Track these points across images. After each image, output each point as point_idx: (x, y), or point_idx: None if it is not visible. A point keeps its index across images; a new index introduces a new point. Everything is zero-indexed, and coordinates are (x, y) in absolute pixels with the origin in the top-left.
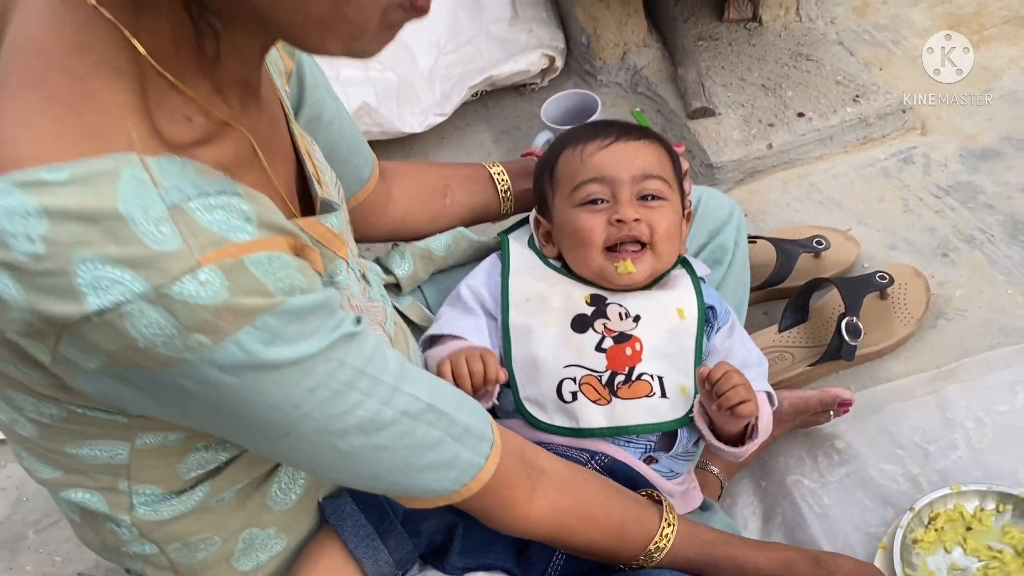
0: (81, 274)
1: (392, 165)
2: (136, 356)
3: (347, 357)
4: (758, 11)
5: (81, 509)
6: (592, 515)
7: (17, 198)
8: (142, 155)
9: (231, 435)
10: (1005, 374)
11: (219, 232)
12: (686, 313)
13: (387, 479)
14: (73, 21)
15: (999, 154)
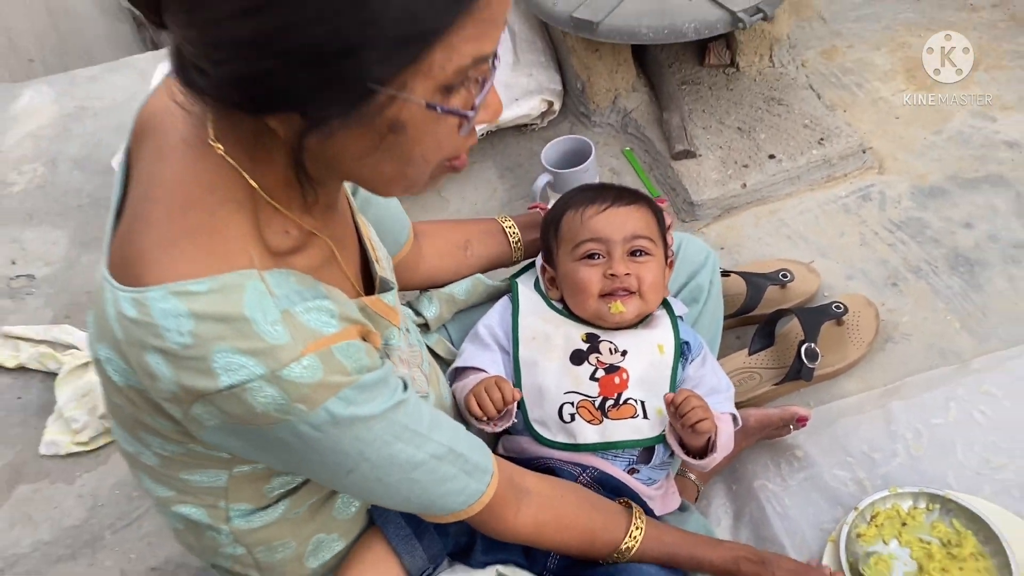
0: (217, 360)
1: (422, 226)
2: (252, 418)
3: (396, 416)
4: (735, 57)
5: (187, 520)
6: (567, 525)
7: (171, 303)
8: (260, 271)
9: (309, 473)
10: (941, 391)
11: (315, 328)
12: (665, 348)
13: (415, 502)
14: (205, 166)
15: (945, 192)
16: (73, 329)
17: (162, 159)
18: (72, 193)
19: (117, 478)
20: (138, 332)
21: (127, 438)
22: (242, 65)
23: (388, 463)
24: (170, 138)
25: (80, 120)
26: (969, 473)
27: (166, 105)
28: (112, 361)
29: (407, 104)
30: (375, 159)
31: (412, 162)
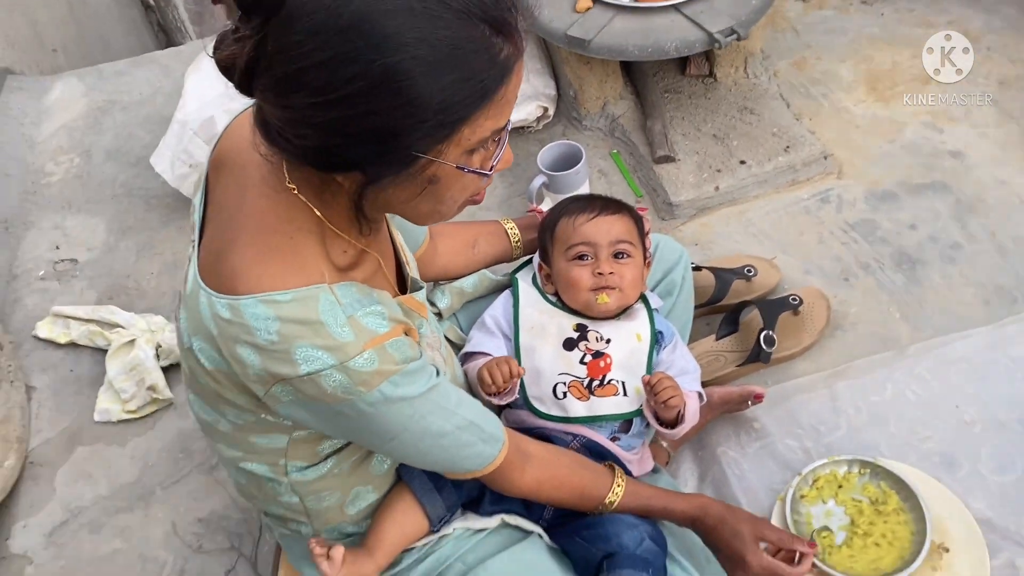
0: (298, 353)
1: (436, 228)
2: (323, 397)
3: (431, 396)
4: (714, 68)
5: (251, 475)
6: (562, 483)
7: (261, 309)
8: (330, 284)
9: (359, 440)
10: (881, 373)
11: (372, 329)
12: (642, 337)
13: (441, 463)
14: (281, 201)
15: (895, 197)
16: (117, 309)
17: (244, 193)
18: (107, 183)
19: (164, 443)
20: (232, 330)
21: (206, 409)
22: (320, 140)
23: (423, 433)
24: (250, 175)
25: (110, 113)
26: (899, 443)
27: (240, 145)
28: (204, 351)
29: (442, 166)
30: (416, 202)
31: (444, 203)
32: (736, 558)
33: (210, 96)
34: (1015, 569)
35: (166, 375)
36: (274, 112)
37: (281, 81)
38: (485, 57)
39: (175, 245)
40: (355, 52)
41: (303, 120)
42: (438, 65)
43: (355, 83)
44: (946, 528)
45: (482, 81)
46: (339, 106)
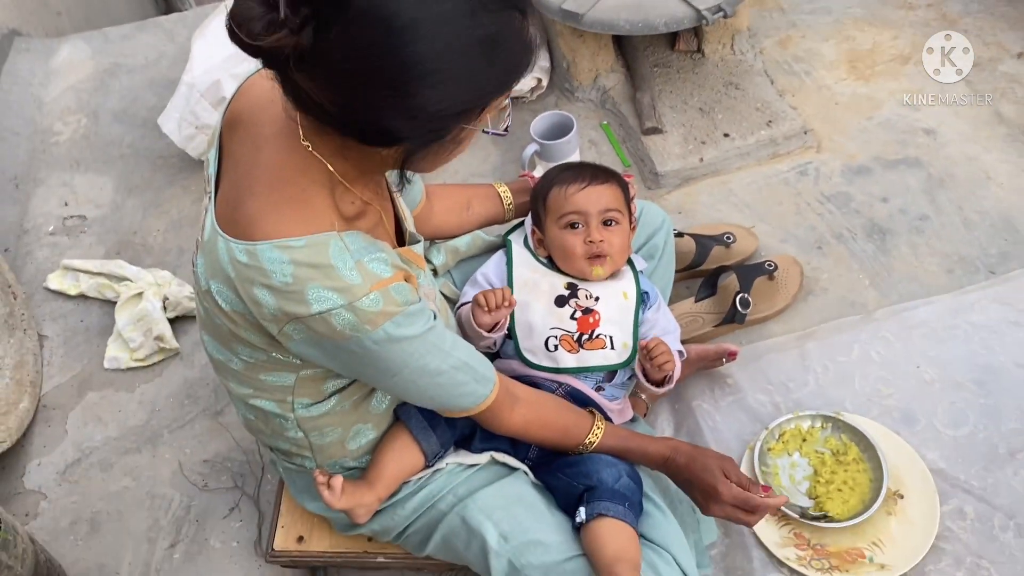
0: (310, 293)
1: (433, 188)
2: (332, 335)
3: (429, 336)
4: (702, 44)
5: (260, 411)
6: (547, 423)
7: (276, 253)
8: (339, 232)
9: (364, 377)
10: (847, 335)
11: (378, 273)
12: (628, 295)
13: (437, 401)
14: (295, 155)
15: (870, 171)
16: (125, 264)
17: (260, 148)
18: (114, 144)
19: (171, 389)
20: (249, 273)
21: (220, 348)
22: (379, 125)
23: (421, 371)
24: (265, 132)
25: (116, 76)
26: (862, 399)
27: (254, 104)
28: (222, 292)
29: (469, 130)
30: (441, 158)
31: (454, 155)
32: (708, 490)
33: (216, 60)
34: (963, 514)
35: (172, 326)
36: (326, 96)
37: (334, 69)
38: (520, 40)
39: (180, 204)
40: (405, 44)
41: (364, 107)
42: (480, 53)
43: (406, 72)
44: (902, 477)
45: (516, 62)
46: (405, 98)
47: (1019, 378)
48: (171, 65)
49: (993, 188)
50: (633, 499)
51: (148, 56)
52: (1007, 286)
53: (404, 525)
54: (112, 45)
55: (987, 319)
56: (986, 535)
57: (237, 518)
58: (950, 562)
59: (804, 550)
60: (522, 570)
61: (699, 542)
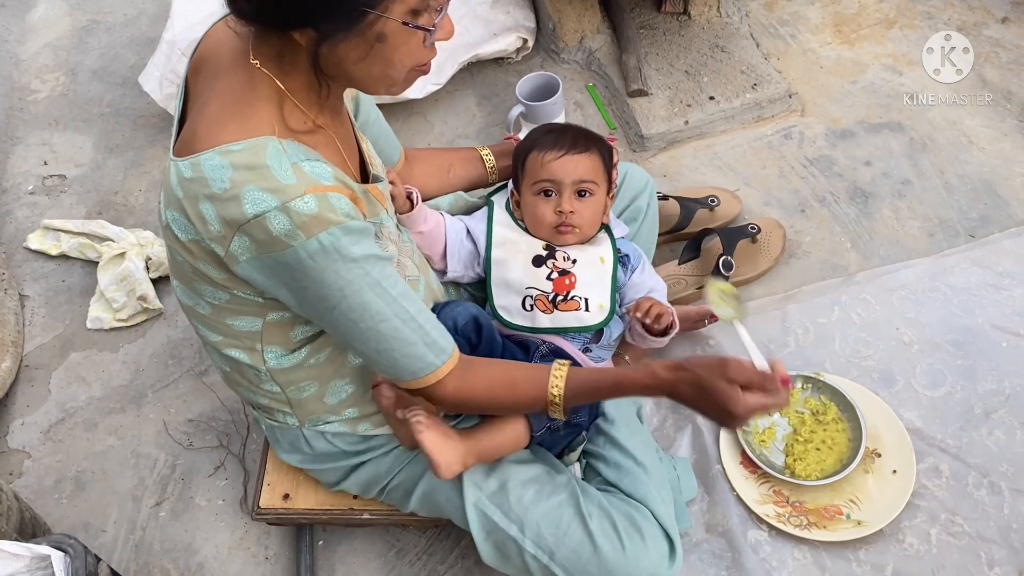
0: (246, 196)
1: (414, 152)
2: (269, 242)
3: (372, 268)
4: (688, 6)
5: (234, 361)
6: (492, 384)
7: (217, 159)
8: (279, 137)
9: (307, 306)
10: (828, 297)
11: (316, 178)
12: (605, 260)
13: (383, 358)
14: (247, 76)
15: (853, 134)
16: (107, 223)
17: (216, 76)
18: (94, 102)
19: (154, 349)
20: (193, 187)
21: (186, 292)
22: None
23: (362, 308)
24: (222, 61)
25: (94, 33)
26: (842, 360)
27: (215, 46)
28: (177, 220)
29: (388, 21)
30: (367, 63)
31: (392, 65)
32: (722, 415)
33: (197, 17)
34: (939, 472)
35: (155, 287)
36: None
37: None
38: None
39: (162, 163)
40: None
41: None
42: None
43: None
44: (880, 436)
45: None
46: None
47: (996, 340)
48: (151, 23)
49: (975, 152)
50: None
51: (127, 13)
52: (986, 249)
53: (388, 478)
54: (90, 2)
55: (966, 282)
56: (960, 492)
57: (222, 476)
58: (925, 518)
59: (783, 507)
60: (492, 516)
61: (679, 499)
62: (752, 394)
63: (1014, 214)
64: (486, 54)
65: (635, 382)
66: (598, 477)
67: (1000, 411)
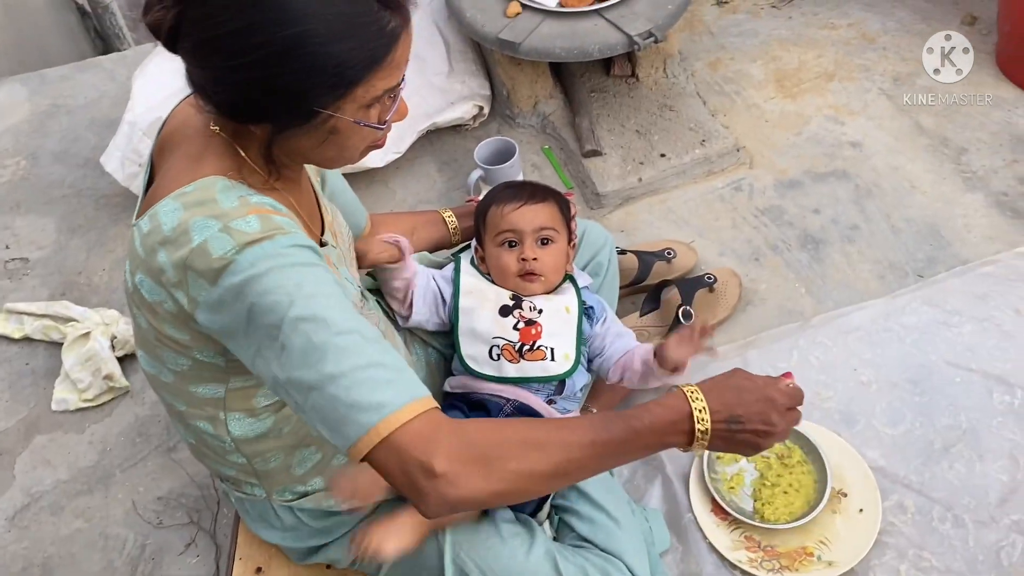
0: (193, 227)
1: (378, 217)
2: (211, 268)
3: (319, 277)
4: (636, 69)
5: (199, 432)
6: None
7: (171, 204)
8: (228, 179)
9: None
10: (786, 342)
11: (260, 205)
12: (570, 309)
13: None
14: (208, 143)
15: (801, 184)
16: (71, 304)
17: (180, 147)
18: (55, 184)
19: (121, 428)
20: (151, 239)
21: (149, 360)
22: (234, 96)
23: (313, 314)
24: (187, 133)
25: (55, 117)
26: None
27: (180, 120)
28: (144, 282)
29: (340, 120)
30: (321, 150)
31: (346, 150)
32: (765, 415)
33: (158, 98)
34: (904, 508)
35: (121, 365)
36: (195, 71)
37: (199, 45)
38: (374, 28)
39: (125, 242)
40: (261, 23)
41: (219, 79)
42: (332, 36)
43: (261, 50)
44: (844, 476)
45: (371, 49)
46: (248, 69)
47: (950, 376)
48: (112, 105)
49: (918, 196)
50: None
51: (88, 96)
52: (935, 289)
53: None
54: (50, 86)
55: (918, 321)
56: (926, 527)
57: (194, 553)
58: (894, 555)
59: (755, 552)
60: (471, 574)
61: (652, 551)
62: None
63: (958, 253)
64: (444, 122)
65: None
66: (572, 533)
67: (958, 445)
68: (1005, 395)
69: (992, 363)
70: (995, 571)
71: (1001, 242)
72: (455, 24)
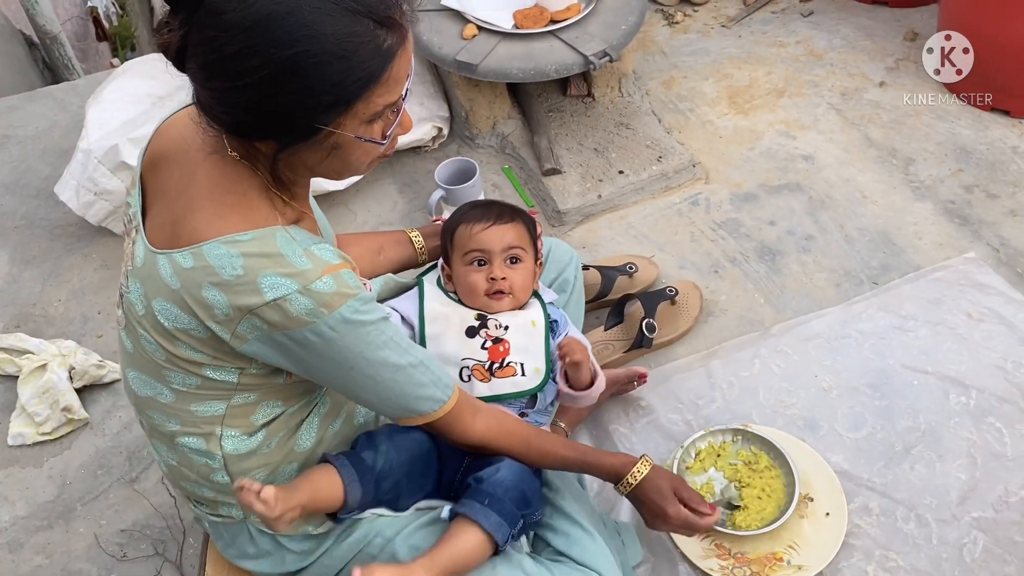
0: (263, 282)
1: (344, 238)
2: (287, 322)
3: (385, 327)
4: (592, 89)
5: (184, 451)
6: (510, 431)
7: (223, 249)
8: (284, 226)
9: (320, 371)
10: (749, 351)
11: (327, 259)
12: (537, 323)
13: (397, 402)
14: (229, 167)
15: (756, 197)
16: (26, 336)
17: (194, 170)
18: (7, 216)
19: (81, 460)
20: (196, 276)
21: (147, 382)
22: (239, 116)
23: (379, 364)
24: (196, 155)
25: (5, 148)
26: (767, 411)
27: (177, 140)
28: (166, 310)
29: (342, 136)
30: (326, 164)
31: (351, 164)
32: (657, 510)
33: (112, 126)
34: (869, 511)
35: (80, 396)
36: (202, 92)
37: (204, 67)
38: (370, 47)
39: (82, 272)
40: (259, 46)
41: (224, 99)
42: (328, 56)
43: (261, 71)
44: (810, 480)
45: (368, 68)
46: (250, 90)
47: (907, 379)
48: (64, 134)
49: (869, 206)
50: (502, 496)
51: (39, 126)
52: (889, 295)
53: (337, 570)
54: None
55: (875, 327)
56: (891, 528)
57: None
58: (861, 556)
59: (726, 560)
60: None
61: (626, 563)
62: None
63: (911, 260)
64: (403, 144)
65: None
66: (548, 548)
67: (919, 446)
68: (961, 396)
69: (947, 365)
70: (959, 568)
71: (950, 248)
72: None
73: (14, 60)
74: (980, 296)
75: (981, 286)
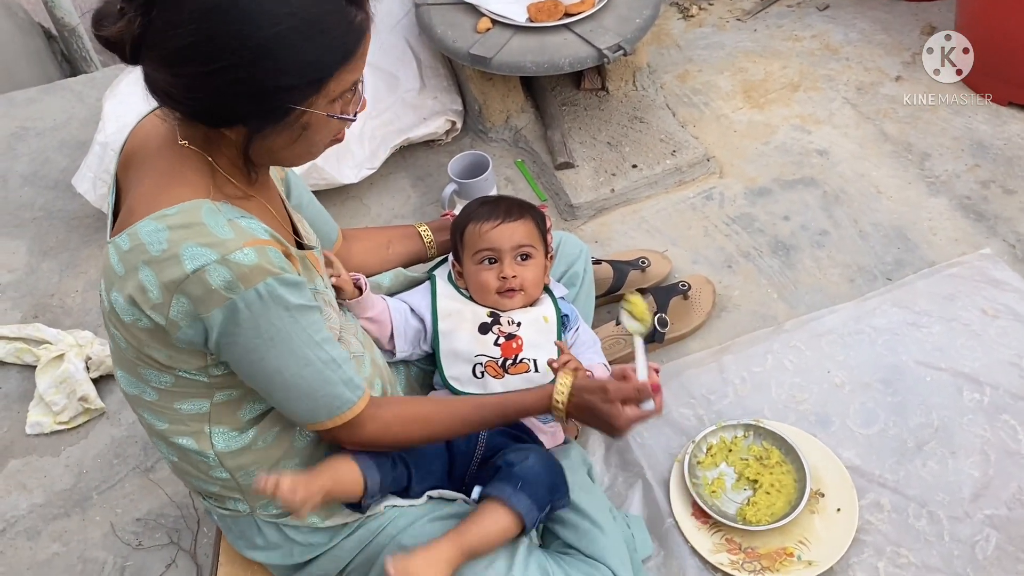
0: (184, 252)
1: (351, 231)
2: (208, 297)
3: (303, 319)
4: (605, 82)
5: (181, 449)
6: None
7: (152, 225)
8: (212, 200)
9: (239, 361)
10: (761, 347)
11: (252, 232)
12: (549, 319)
13: (304, 402)
14: (178, 156)
15: (770, 192)
16: (44, 327)
17: (148, 163)
18: (25, 207)
19: (98, 449)
20: (132, 257)
21: (130, 380)
22: (210, 102)
23: (288, 355)
24: (151, 150)
25: (24, 140)
26: (779, 406)
27: (142, 136)
28: (118, 301)
29: (313, 115)
30: (292, 147)
31: (314, 145)
32: (605, 428)
33: (130, 118)
34: (880, 507)
35: (96, 386)
36: (167, 80)
37: (172, 53)
38: (343, 23)
39: (98, 263)
40: (235, 28)
41: (194, 86)
42: (303, 34)
43: (237, 54)
44: (821, 476)
45: (343, 43)
46: (224, 73)
47: (920, 375)
48: (81, 126)
49: (884, 201)
50: (534, 481)
51: (57, 118)
52: (903, 291)
53: (346, 563)
54: (18, 109)
55: (888, 322)
56: (902, 524)
57: (174, 574)
58: (871, 553)
59: (736, 554)
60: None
61: (635, 557)
62: (631, 407)
63: (925, 256)
64: (417, 137)
65: (535, 407)
66: (557, 540)
67: (931, 443)
68: (974, 393)
69: (961, 362)
70: (970, 565)
71: (965, 244)
72: (426, 40)
73: (33, 53)
74: (995, 292)
75: (996, 282)
